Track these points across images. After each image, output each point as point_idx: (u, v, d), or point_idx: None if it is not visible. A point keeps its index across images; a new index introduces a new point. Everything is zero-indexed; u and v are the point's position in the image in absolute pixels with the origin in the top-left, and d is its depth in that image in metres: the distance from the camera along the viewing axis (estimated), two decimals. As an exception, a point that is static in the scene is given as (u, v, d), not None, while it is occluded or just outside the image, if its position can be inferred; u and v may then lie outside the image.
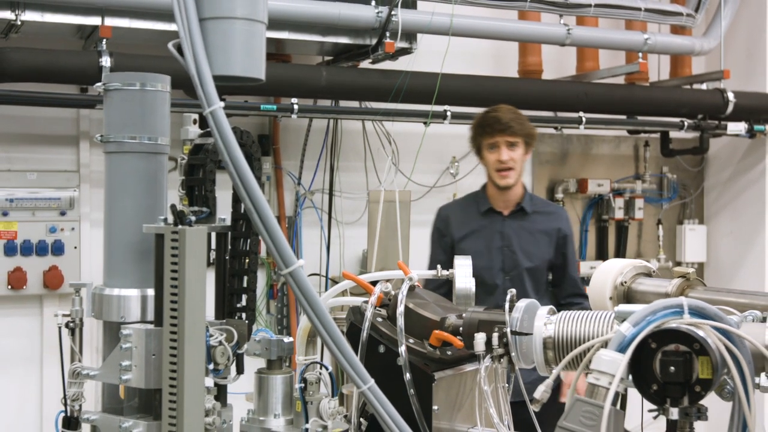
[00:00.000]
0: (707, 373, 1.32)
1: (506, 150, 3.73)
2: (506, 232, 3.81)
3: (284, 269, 1.36)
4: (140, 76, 1.60)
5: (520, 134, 3.75)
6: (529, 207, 3.85)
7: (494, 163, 3.75)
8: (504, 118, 3.75)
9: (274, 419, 1.68)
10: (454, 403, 1.80)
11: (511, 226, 3.83)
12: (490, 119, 3.78)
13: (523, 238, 3.82)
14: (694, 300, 1.38)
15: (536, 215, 3.86)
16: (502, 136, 3.73)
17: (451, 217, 3.91)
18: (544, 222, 3.86)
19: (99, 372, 1.58)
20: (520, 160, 3.78)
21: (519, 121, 3.78)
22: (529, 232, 3.83)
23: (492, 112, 3.83)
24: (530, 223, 3.85)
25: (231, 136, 1.35)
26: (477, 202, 3.91)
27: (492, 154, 3.75)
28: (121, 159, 1.61)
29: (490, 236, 3.81)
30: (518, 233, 3.82)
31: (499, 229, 3.82)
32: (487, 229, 3.83)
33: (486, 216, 3.85)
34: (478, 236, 3.82)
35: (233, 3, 1.41)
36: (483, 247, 3.77)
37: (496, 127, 3.73)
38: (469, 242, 3.81)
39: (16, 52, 4.02)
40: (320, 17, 4.40)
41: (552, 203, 4.19)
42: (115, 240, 1.62)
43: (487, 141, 3.76)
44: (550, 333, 1.61)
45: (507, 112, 3.80)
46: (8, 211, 4.44)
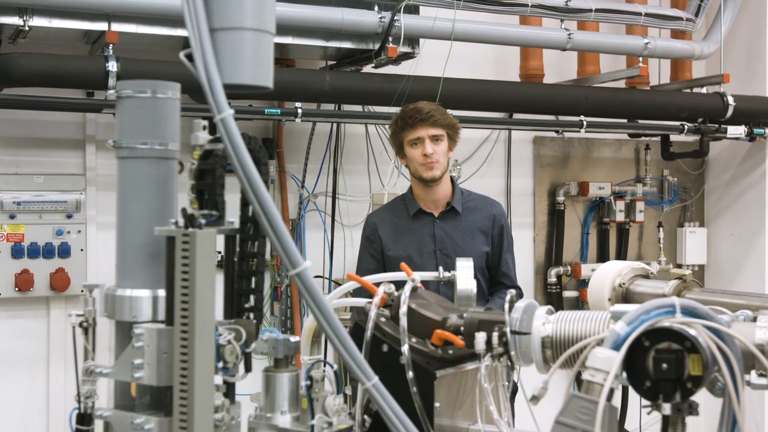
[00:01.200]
0: (698, 370, 1.38)
1: (430, 143, 3.56)
2: (438, 235, 3.64)
3: (291, 270, 1.41)
4: (152, 84, 1.65)
5: (442, 124, 3.59)
6: (459, 205, 3.67)
7: (418, 158, 3.58)
8: (425, 108, 3.59)
9: (280, 416, 1.73)
10: (455, 401, 1.85)
11: (443, 227, 3.65)
12: (410, 111, 3.61)
13: (457, 239, 3.64)
14: (685, 300, 1.44)
15: (468, 213, 3.68)
16: (424, 128, 3.56)
17: (379, 223, 3.73)
18: (477, 219, 3.68)
19: (112, 370, 1.62)
20: (444, 154, 3.61)
21: (440, 111, 3.62)
22: (463, 231, 3.66)
23: (411, 105, 3.67)
24: (463, 221, 3.67)
25: (240, 143, 1.41)
26: (405, 205, 3.74)
27: (415, 149, 3.59)
28: (133, 164, 1.66)
29: (422, 240, 3.64)
30: (451, 235, 3.64)
31: (430, 231, 3.65)
32: (417, 232, 3.66)
33: (416, 219, 3.68)
34: (408, 241, 3.65)
35: (242, 14, 1.46)
36: (414, 251, 3.61)
37: (417, 118, 3.56)
38: (399, 248, 3.64)
39: (24, 58, 4.06)
40: (324, 22, 4.44)
41: (485, 196, 3.86)
42: (127, 242, 1.67)
43: (409, 136, 3.59)
44: (548, 332, 1.66)
45: (427, 104, 3.65)
46: (15, 213, 4.48)
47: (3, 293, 4.45)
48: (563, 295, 5.91)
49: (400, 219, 3.70)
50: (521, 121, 5.51)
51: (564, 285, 5.92)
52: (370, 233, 3.71)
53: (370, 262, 3.66)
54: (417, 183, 3.67)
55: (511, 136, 5.82)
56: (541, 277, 5.91)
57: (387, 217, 3.74)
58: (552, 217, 5.94)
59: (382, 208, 3.96)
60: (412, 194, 3.72)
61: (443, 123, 3.59)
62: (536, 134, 5.89)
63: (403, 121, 3.60)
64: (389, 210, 3.83)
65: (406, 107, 3.65)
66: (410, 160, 3.63)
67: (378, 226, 3.70)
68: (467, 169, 5.52)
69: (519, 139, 5.86)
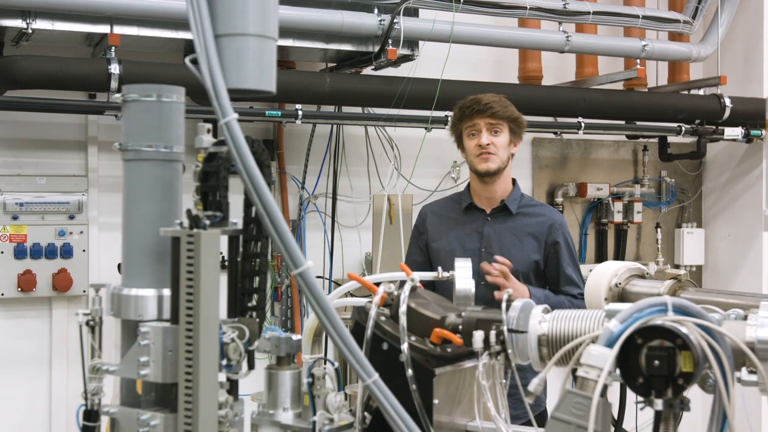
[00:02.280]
0: (689, 367, 1.41)
1: (487, 134, 3.36)
2: (486, 233, 3.43)
3: (294, 270, 1.44)
4: (157, 88, 1.68)
5: (502, 116, 3.38)
6: (514, 205, 3.46)
7: (474, 149, 3.39)
8: (484, 99, 3.41)
9: (283, 412, 1.76)
10: (454, 398, 1.88)
11: (493, 226, 3.45)
12: (468, 102, 3.43)
13: (506, 240, 3.42)
14: (677, 299, 1.47)
15: (523, 216, 3.47)
16: (482, 118, 3.37)
17: (430, 214, 3.59)
18: (532, 224, 3.45)
19: (118, 367, 1.65)
20: (503, 147, 3.39)
21: (502, 103, 3.42)
22: (514, 233, 3.43)
23: (473, 96, 3.49)
24: (515, 223, 3.45)
25: (244, 146, 1.44)
26: (460, 198, 3.58)
27: (472, 140, 3.40)
28: (139, 166, 1.69)
29: (468, 236, 3.45)
30: (500, 234, 3.43)
31: (479, 228, 3.45)
32: (465, 227, 3.48)
33: (467, 213, 3.50)
34: (454, 235, 3.47)
35: (246, 21, 1.50)
36: (458, 246, 3.42)
37: (475, 108, 3.37)
38: (443, 241, 3.48)
39: (27, 60, 4.11)
40: (324, 25, 4.48)
41: (546, 205, 3.72)
42: (133, 243, 1.70)
43: (467, 125, 3.41)
44: (545, 330, 1.69)
45: (489, 95, 3.46)
46: (18, 215, 4.53)
47: (6, 293, 4.49)
48: (562, 296, 5.93)
49: (451, 211, 3.54)
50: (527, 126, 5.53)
51: (562, 285, 5.95)
52: (420, 224, 3.59)
53: (416, 254, 3.55)
54: (474, 177, 3.49)
55: (510, 138, 5.85)
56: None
57: (439, 209, 3.60)
58: (550, 218, 5.97)
59: (438, 200, 3.82)
60: (468, 189, 3.56)
61: (503, 115, 3.39)
62: (535, 136, 5.93)
63: (461, 112, 3.43)
64: (443, 202, 3.69)
65: (467, 98, 3.47)
66: (467, 152, 3.45)
67: (428, 216, 3.58)
68: (466, 170, 5.53)
69: (517, 140, 5.90)
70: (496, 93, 5.12)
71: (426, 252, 3.52)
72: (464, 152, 3.48)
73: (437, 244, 3.48)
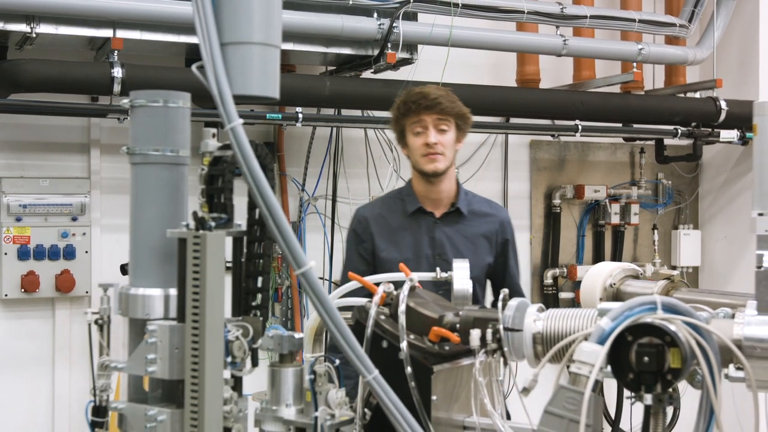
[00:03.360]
0: (677, 363, 1.47)
1: (435, 132, 3.17)
2: (438, 239, 3.24)
3: (297, 270, 1.50)
4: (163, 94, 1.73)
5: (450, 113, 3.19)
6: (465, 207, 3.29)
7: (420, 148, 3.19)
8: (431, 93, 3.19)
9: (286, 408, 1.81)
10: (452, 395, 1.93)
11: (444, 230, 3.26)
12: (414, 95, 3.20)
13: (459, 244, 3.24)
14: (667, 298, 1.53)
15: (473, 217, 3.30)
16: (429, 115, 3.16)
17: (371, 219, 3.31)
18: (482, 224, 3.30)
19: (126, 365, 1.70)
20: (451, 146, 3.21)
21: (449, 98, 3.21)
22: (465, 236, 3.27)
23: (417, 88, 3.26)
24: (467, 226, 3.28)
25: (249, 150, 1.50)
26: (403, 201, 3.32)
27: (417, 137, 3.19)
28: (146, 170, 1.74)
29: (419, 243, 3.24)
30: (453, 239, 3.25)
31: (430, 234, 3.25)
32: (415, 233, 3.25)
33: (414, 218, 3.27)
34: (405, 243, 3.25)
35: (251, 30, 1.55)
36: (410, 254, 3.20)
37: (422, 104, 3.16)
38: (393, 251, 3.23)
39: (31, 64, 4.13)
40: (324, 29, 4.52)
41: (492, 202, 3.48)
42: (141, 244, 1.75)
43: (412, 121, 3.19)
44: (539, 329, 1.75)
45: (435, 89, 3.25)
46: (22, 216, 4.55)
47: (9, 294, 4.51)
48: (559, 297, 5.98)
49: (396, 217, 3.30)
50: (518, 126, 5.58)
51: (560, 286, 5.99)
52: (361, 230, 3.31)
53: (358, 262, 3.27)
54: (418, 177, 3.29)
55: (508, 140, 5.89)
56: (538, 279, 5.98)
57: (380, 214, 3.33)
58: (548, 220, 6.01)
59: (375, 202, 3.59)
60: (411, 189, 3.33)
61: (452, 112, 3.20)
62: (533, 138, 5.96)
63: (405, 107, 3.21)
64: (383, 205, 3.41)
65: (411, 90, 3.26)
66: (411, 150, 3.25)
67: (370, 222, 3.30)
68: (465, 172, 5.59)
69: (516, 143, 5.93)
70: (493, 97, 5.23)
71: (371, 260, 3.28)
72: (406, 149, 3.28)
73: (387, 253, 3.24)
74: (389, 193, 3.52)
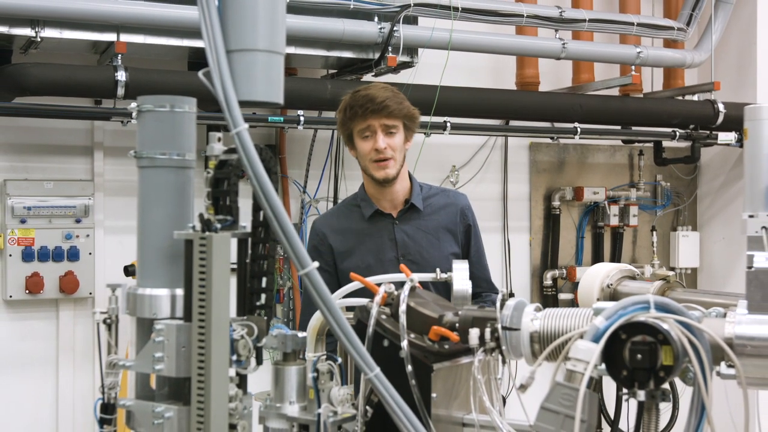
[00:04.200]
0: (670, 361, 1.51)
1: (383, 136, 3.09)
2: (400, 239, 3.17)
3: (301, 270, 1.54)
4: (170, 99, 1.76)
5: (398, 115, 3.10)
6: (419, 202, 3.21)
7: (369, 153, 3.10)
8: (378, 96, 3.07)
9: (289, 405, 1.85)
10: (451, 392, 1.97)
11: (404, 230, 3.18)
12: (360, 99, 3.09)
13: (422, 241, 3.17)
14: (659, 297, 1.57)
15: (431, 210, 3.22)
16: (377, 119, 3.07)
17: (328, 231, 3.24)
18: (442, 216, 3.22)
19: (134, 363, 1.74)
20: (400, 148, 3.13)
21: (396, 99, 3.11)
22: (427, 231, 3.19)
23: (363, 90, 3.14)
24: (425, 220, 3.20)
25: (254, 154, 1.54)
26: (359, 206, 3.24)
27: (366, 142, 3.11)
28: (153, 173, 1.77)
29: (381, 247, 3.17)
30: (414, 237, 3.18)
31: (390, 236, 3.18)
32: (375, 238, 3.18)
33: (373, 222, 3.20)
34: (366, 249, 3.17)
35: (256, 37, 1.59)
36: (373, 260, 3.13)
37: (368, 107, 3.06)
38: (355, 258, 3.15)
39: (36, 68, 4.17)
40: (325, 33, 4.56)
41: (449, 190, 3.38)
42: (148, 245, 1.78)
43: (359, 126, 3.10)
44: (536, 328, 1.79)
45: (381, 90, 3.13)
46: (26, 218, 4.58)
47: (14, 295, 4.55)
48: (558, 298, 6.02)
49: (353, 223, 3.23)
50: (517, 128, 5.62)
51: (559, 288, 6.04)
52: (318, 243, 3.23)
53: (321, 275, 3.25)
54: (369, 181, 3.20)
55: (508, 143, 5.94)
56: (537, 280, 6.03)
57: (337, 223, 3.26)
58: (548, 222, 6.06)
59: (330, 212, 3.48)
60: (365, 193, 3.25)
61: (399, 114, 3.11)
62: (532, 140, 6.01)
63: (352, 111, 3.10)
64: (339, 214, 3.34)
65: (357, 93, 3.14)
66: (360, 155, 3.16)
67: (327, 234, 3.23)
68: (464, 174, 5.64)
69: (515, 145, 5.98)
70: (492, 100, 5.27)
71: (333, 272, 3.18)
72: (355, 152, 3.21)
73: (348, 262, 3.15)
74: (345, 200, 3.44)
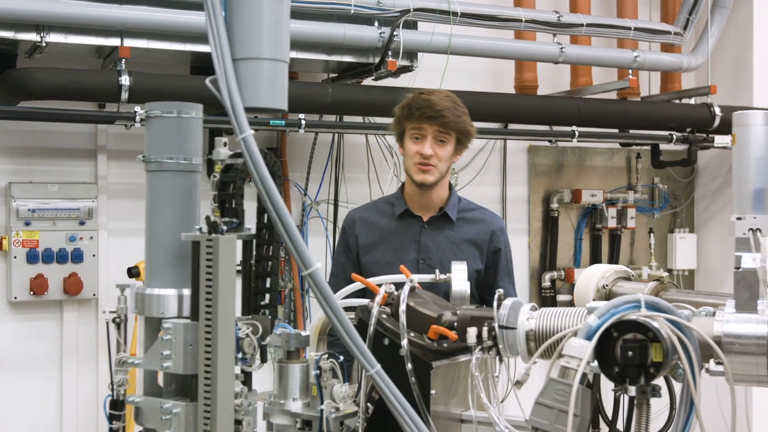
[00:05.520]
0: (659, 357, 1.57)
1: (432, 143, 3.05)
2: (424, 243, 3.14)
3: (305, 270, 1.60)
4: (177, 105, 1.82)
5: (452, 127, 3.05)
6: (453, 213, 3.18)
7: (414, 155, 3.07)
8: (438, 104, 3.02)
9: (293, 402, 1.92)
10: (450, 389, 2.03)
11: (431, 235, 3.16)
12: (420, 101, 3.05)
13: (446, 249, 3.13)
14: (650, 297, 1.63)
15: (463, 223, 3.19)
16: (430, 125, 3.03)
17: (357, 221, 3.24)
18: (472, 231, 3.19)
19: (143, 360, 1.80)
20: (446, 159, 3.10)
21: (455, 112, 3.06)
22: (453, 242, 3.16)
23: (426, 93, 3.09)
24: (455, 231, 3.17)
25: (260, 158, 1.60)
26: (392, 204, 3.23)
27: (415, 144, 3.07)
28: (161, 176, 1.83)
29: (404, 246, 3.15)
30: (439, 244, 3.14)
31: (416, 237, 3.15)
32: (400, 236, 3.16)
33: (401, 221, 3.18)
34: (389, 246, 3.15)
35: (261, 46, 1.66)
36: (394, 258, 3.08)
37: (425, 112, 3.02)
38: (377, 252, 3.15)
39: (41, 72, 4.19)
40: (326, 37, 4.60)
41: (485, 209, 3.32)
42: (156, 247, 1.84)
43: (413, 126, 3.07)
44: (532, 327, 1.85)
45: (444, 98, 3.07)
46: (30, 221, 4.61)
47: (19, 297, 4.58)
48: (557, 299, 6.05)
49: (383, 220, 3.22)
50: (516, 131, 5.66)
51: (558, 289, 6.08)
52: (348, 230, 3.26)
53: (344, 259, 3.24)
54: (410, 181, 3.18)
55: (507, 146, 5.97)
56: (536, 282, 6.07)
57: (368, 216, 3.26)
58: (546, 224, 6.10)
59: (366, 205, 3.47)
60: (402, 192, 3.24)
61: (454, 126, 3.07)
62: (531, 143, 6.05)
63: (409, 111, 3.06)
64: (372, 208, 3.33)
65: (420, 95, 3.09)
66: (406, 154, 3.13)
67: (356, 223, 3.24)
68: (464, 177, 5.68)
69: (514, 148, 6.02)
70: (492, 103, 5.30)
71: (355, 261, 3.21)
72: (403, 150, 3.17)
73: (371, 256, 3.16)
74: (382, 197, 3.48)
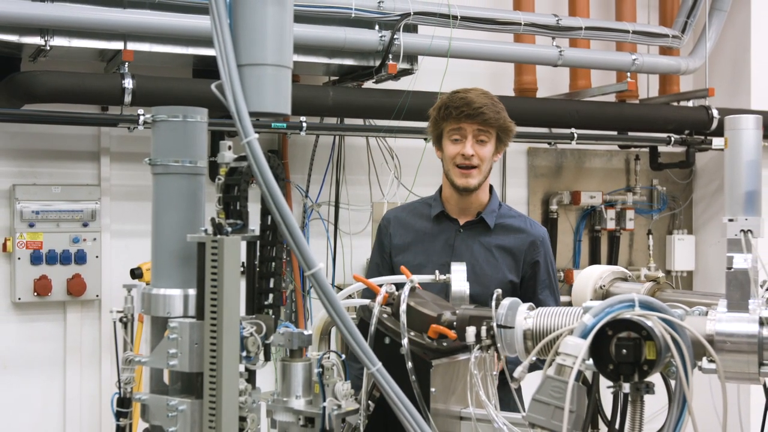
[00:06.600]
0: (653, 355, 1.61)
1: (473, 142, 2.95)
2: (458, 247, 3.02)
3: (308, 271, 1.64)
4: (183, 109, 1.86)
5: (493, 125, 2.95)
6: (491, 219, 3.05)
7: (455, 157, 2.97)
8: (476, 102, 2.92)
9: (296, 400, 1.96)
10: (449, 387, 2.06)
11: (465, 240, 3.04)
12: (457, 100, 2.94)
13: (479, 256, 3.01)
14: (644, 296, 1.67)
15: (501, 230, 3.06)
16: (470, 124, 2.93)
17: (393, 221, 3.15)
18: (510, 239, 3.05)
19: (149, 359, 1.84)
20: (488, 158, 2.99)
21: (494, 108, 2.96)
22: (487, 248, 3.02)
23: (461, 92, 2.98)
24: (491, 238, 3.04)
25: (264, 162, 1.64)
26: (429, 205, 3.13)
27: (454, 145, 2.97)
28: (167, 179, 1.87)
29: (436, 248, 3.04)
30: (473, 250, 3.02)
31: (450, 241, 3.04)
32: (434, 239, 3.06)
33: (437, 223, 3.08)
34: (422, 248, 3.05)
35: (265, 52, 1.70)
36: (425, 260, 2.98)
37: (464, 111, 2.92)
38: (409, 254, 3.05)
39: (45, 75, 4.24)
40: (328, 41, 4.64)
41: (526, 217, 3.19)
42: (162, 248, 1.88)
43: (451, 127, 2.96)
44: (530, 326, 1.89)
45: (481, 95, 2.97)
46: (34, 222, 4.65)
47: (22, 298, 4.62)
48: (556, 300, 6.10)
49: (418, 221, 3.12)
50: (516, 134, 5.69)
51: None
52: (383, 228, 3.18)
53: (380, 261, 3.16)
54: (448, 185, 3.06)
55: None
56: (535, 283, 6.10)
57: (404, 217, 3.16)
58: (545, 225, 6.11)
59: (403, 205, 3.37)
60: (440, 194, 3.13)
61: (495, 123, 2.96)
62: (530, 146, 6.09)
63: (446, 111, 2.95)
64: (409, 209, 3.23)
65: (455, 94, 2.99)
66: (446, 157, 3.01)
67: (391, 223, 3.16)
68: (464, 179, 5.72)
69: (513, 150, 6.05)
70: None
71: (388, 260, 3.13)
72: (441, 152, 3.06)
73: (402, 257, 3.06)
74: (421, 198, 3.35)
